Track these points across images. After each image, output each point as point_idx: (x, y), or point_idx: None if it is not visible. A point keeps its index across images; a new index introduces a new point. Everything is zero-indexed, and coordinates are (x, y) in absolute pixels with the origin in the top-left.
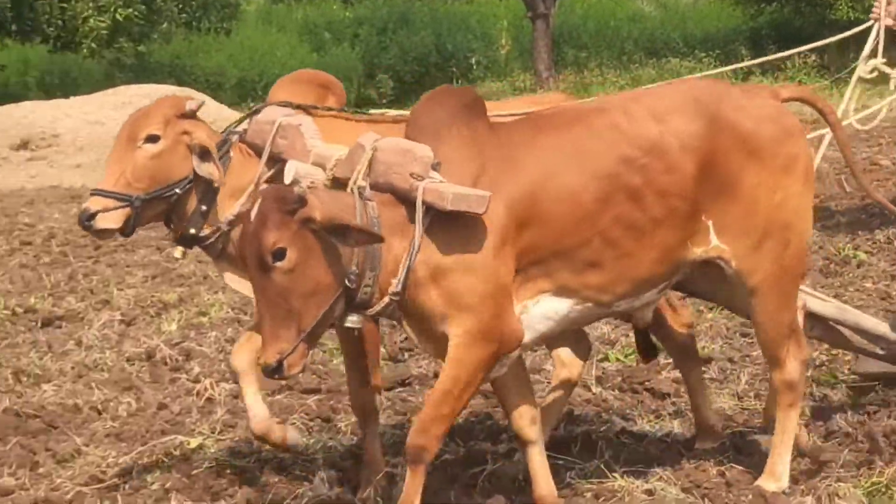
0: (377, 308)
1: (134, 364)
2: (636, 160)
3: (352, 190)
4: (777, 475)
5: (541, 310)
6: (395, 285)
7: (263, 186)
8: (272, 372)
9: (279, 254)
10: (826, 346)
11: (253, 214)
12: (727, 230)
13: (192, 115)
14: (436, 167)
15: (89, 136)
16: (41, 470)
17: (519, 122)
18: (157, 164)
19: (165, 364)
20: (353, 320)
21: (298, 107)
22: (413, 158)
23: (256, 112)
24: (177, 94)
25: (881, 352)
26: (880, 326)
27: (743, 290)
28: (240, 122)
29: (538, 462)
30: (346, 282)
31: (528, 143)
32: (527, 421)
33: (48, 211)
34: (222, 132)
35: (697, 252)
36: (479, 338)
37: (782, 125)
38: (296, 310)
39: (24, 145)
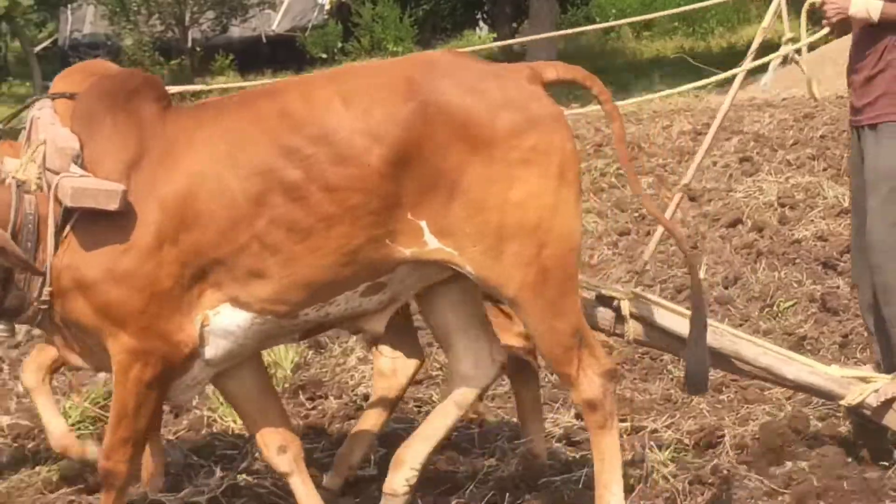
0: (24, 317)
1: None
2: (298, 152)
3: (9, 184)
4: None
5: (221, 323)
6: (40, 293)
7: None
8: None
9: None
10: None
11: None
12: (450, 231)
13: None
14: (77, 160)
15: None
16: None
17: (201, 106)
18: None
19: None
20: (1, 328)
21: (72, 96)
22: (54, 150)
23: (28, 106)
24: None
25: None
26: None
27: (506, 301)
28: (11, 117)
29: (302, 493)
30: None
31: (191, 133)
32: (273, 451)
33: None
34: None
35: (407, 252)
36: (137, 355)
37: (526, 113)
38: None
39: None
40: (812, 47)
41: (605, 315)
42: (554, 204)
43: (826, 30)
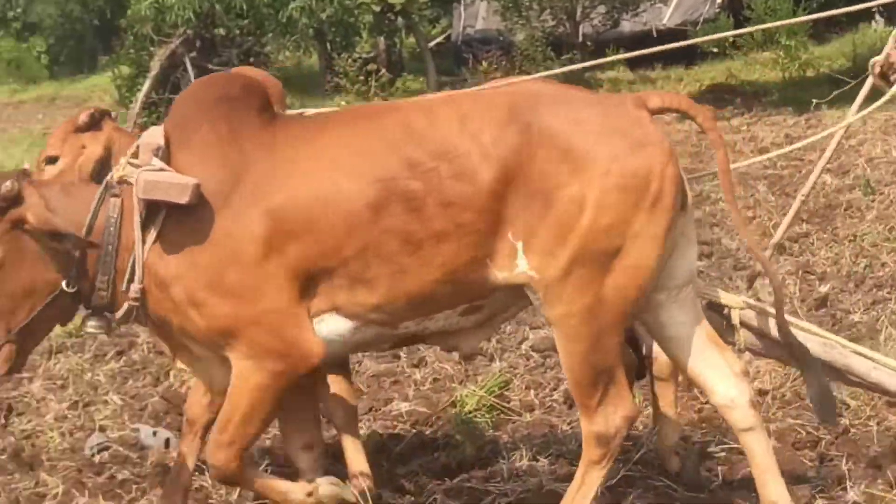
0: (119, 314)
1: None
2: (421, 165)
3: (95, 184)
4: None
5: (323, 331)
6: (133, 290)
7: None
8: None
9: None
10: None
11: None
12: (538, 252)
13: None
14: (158, 153)
15: None
16: None
17: (311, 117)
18: None
19: None
20: (93, 325)
21: None
22: (143, 146)
23: None
24: None
25: None
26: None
27: (550, 322)
28: None
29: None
30: (65, 285)
31: (307, 142)
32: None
33: None
34: None
35: (500, 277)
36: (261, 365)
37: (627, 139)
38: (3, 309)
39: None
40: None
41: (715, 323)
42: (638, 233)
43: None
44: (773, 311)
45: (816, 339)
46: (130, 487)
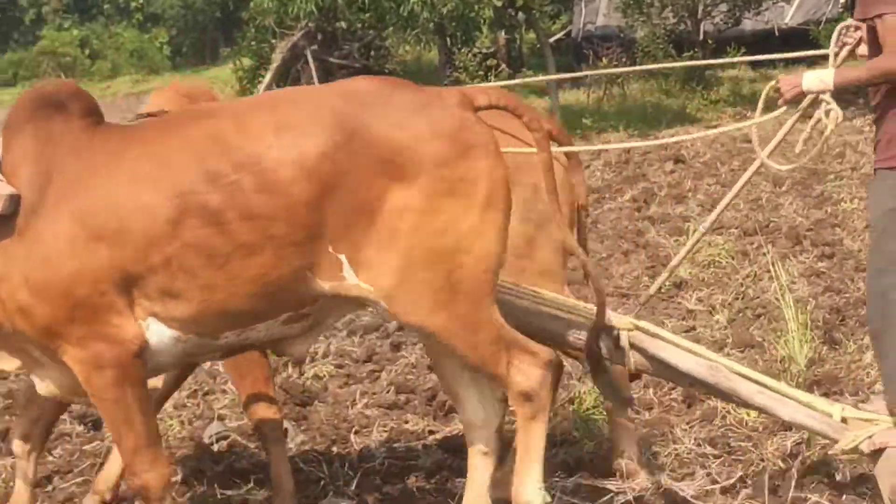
0: None
1: None
2: (222, 177)
3: None
4: (523, 496)
5: (152, 336)
6: None
7: None
8: None
9: None
10: None
11: None
12: (368, 265)
13: None
14: None
15: None
16: None
17: (136, 125)
18: None
19: None
20: None
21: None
22: None
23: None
24: None
25: None
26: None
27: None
28: None
29: None
30: None
31: (118, 150)
32: None
33: None
34: None
35: (327, 287)
36: (88, 364)
37: (453, 142)
38: None
39: None
40: None
41: (605, 344)
42: (476, 229)
43: (783, 109)
44: (663, 333)
45: (703, 362)
46: (248, 477)
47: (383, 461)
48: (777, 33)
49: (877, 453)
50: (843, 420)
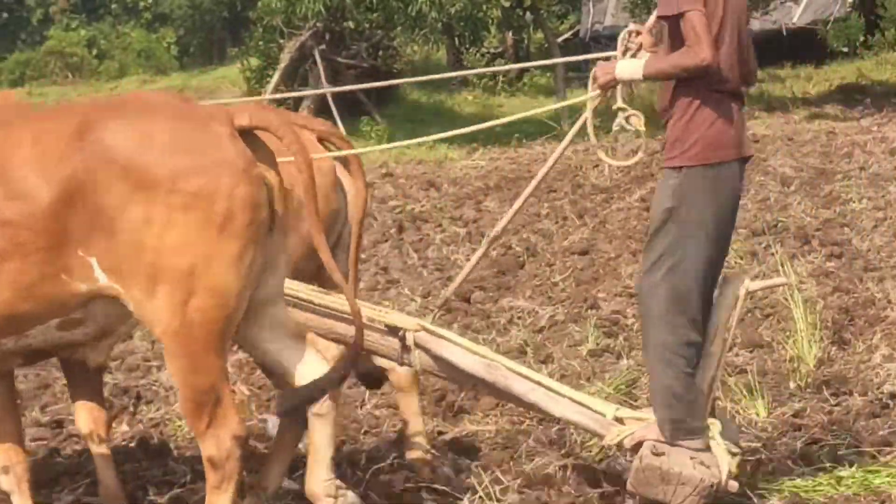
0: None
1: None
2: None
3: None
4: None
5: None
6: None
7: None
8: None
9: None
10: None
11: None
12: (116, 269)
13: None
14: None
15: None
16: None
17: None
18: None
19: None
20: None
21: None
22: None
23: None
24: None
25: None
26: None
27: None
28: None
29: None
30: None
31: None
32: None
33: None
34: None
35: (83, 288)
36: None
37: (195, 158)
38: None
39: None
40: None
41: (392, 344)
42: (209, 254)
43: (596, 92)
44: (447, 333)
45: (481, 360)
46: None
47: (393, 462)
48: (785, 33)
49: (637, 447)
50: (619, 420)
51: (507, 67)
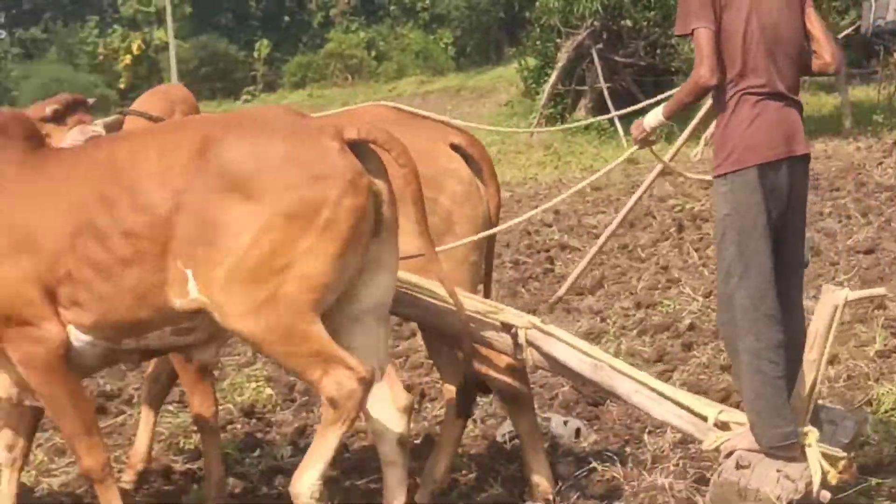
0: None
1: None
2: (110, 198)
3: None
4: (297, 492)
5: (74, 340)
6: None
7: None
8: None
9: None
10: None
11: None
12: (207, 279)
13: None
14: None
15: None
16: None
17: (73, 148)
18: None
19: None
20: None
21: (150, 117)
22: None
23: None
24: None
25: None
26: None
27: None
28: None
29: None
30: None
31: (46, 171)
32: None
33: None
34: None
35: (177, 304)
36: (23, 363)
37: (304, 170)
38: None
39: None
40: None
41: (505, 341)
42: (307, 251)
43: (635, 147)
44: (556, 331)
45: (588, 360)
46: None
47: (678, 462)
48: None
49: (729, 455)
50: (723, 424)
51: None
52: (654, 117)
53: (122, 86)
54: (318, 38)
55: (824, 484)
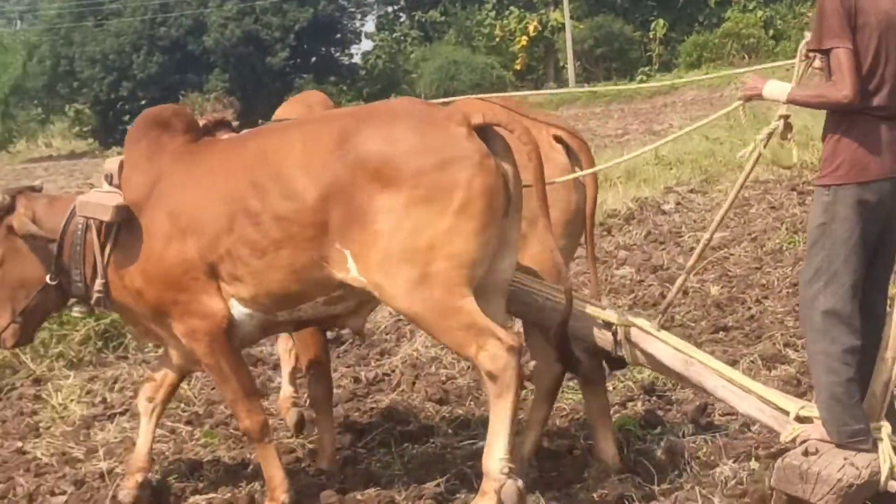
0: (92, 301)
1: None
2: (261, 186)
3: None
4: (488, 469)
5: (234, 313)
6: (97, 283)
7: None
8: None
9: None
10: None
11: None
12: (364, 260)
13: None
14: (109, 179)
15: None
16: None
17: (229, 139)
18: None
19: None
20: (77, 311)
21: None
22: (102, 170)
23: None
24: None
25: None
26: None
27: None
28: None
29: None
30: (48, 279)
31: (204, 160)
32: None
33: None
34: None
35: (339, 276)
36: (189, 336)
37: (437, 156)
38: (8, 297)
39: None
40: None
41: (606, 337)
42: (449, 230)
43: (738, 103)
44: (652, 329)
45: (680, 356)
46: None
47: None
48: None
49: (799, 445)
50: (804, 418)
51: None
52: (777, 91)
53: (517, 67)
54: (715, 18)
55: (893, 475)
